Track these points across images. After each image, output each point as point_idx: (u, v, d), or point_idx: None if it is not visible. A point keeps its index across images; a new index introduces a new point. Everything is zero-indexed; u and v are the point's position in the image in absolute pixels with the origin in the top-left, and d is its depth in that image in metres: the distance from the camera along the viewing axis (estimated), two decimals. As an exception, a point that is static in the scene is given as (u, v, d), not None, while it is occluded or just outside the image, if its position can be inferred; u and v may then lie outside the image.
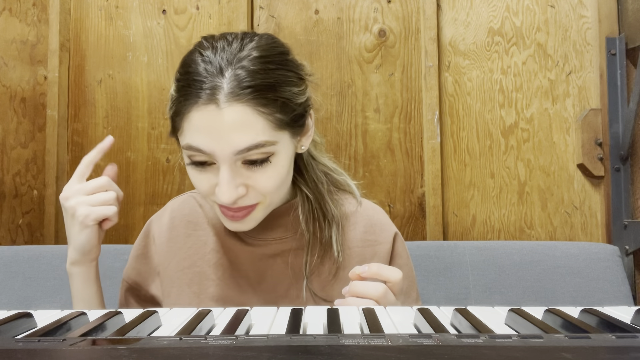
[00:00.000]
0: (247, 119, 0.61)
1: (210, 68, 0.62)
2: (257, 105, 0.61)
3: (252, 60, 0.62)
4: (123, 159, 1.48)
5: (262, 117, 0.62)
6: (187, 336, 0.34)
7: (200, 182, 0.67)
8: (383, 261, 0.77)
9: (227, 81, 0.61)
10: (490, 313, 0.48)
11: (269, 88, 0.62)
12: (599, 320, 0.42)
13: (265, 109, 0.62)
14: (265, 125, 0.62)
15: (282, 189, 0.69)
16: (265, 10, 1.47)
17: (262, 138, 0.62)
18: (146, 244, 0.83)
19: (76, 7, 1.51)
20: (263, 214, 0.70)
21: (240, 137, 0.61)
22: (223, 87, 0.61)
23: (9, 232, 1.41)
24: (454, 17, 1.44)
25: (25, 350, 0.31)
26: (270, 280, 0.76)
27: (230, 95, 0.60)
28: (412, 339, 0.33)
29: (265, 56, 0.64)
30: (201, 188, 0.68)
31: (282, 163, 0.66)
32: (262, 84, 0.62)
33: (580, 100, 1.39)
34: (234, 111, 0.60)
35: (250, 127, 0.61)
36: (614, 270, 1.19)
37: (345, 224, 0.78)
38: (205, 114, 0.61)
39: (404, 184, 1.43)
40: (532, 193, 1.40)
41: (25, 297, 1.19)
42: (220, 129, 0.61)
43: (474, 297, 1.19)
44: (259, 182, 0.65)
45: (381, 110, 1.44)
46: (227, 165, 0.63)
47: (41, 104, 1.49)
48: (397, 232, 0.81)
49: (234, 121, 0.60)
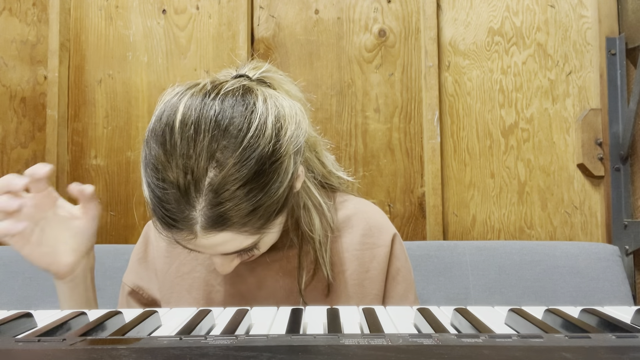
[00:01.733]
0: (228, 239, 0.57)
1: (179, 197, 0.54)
2: (237, 230, 0.56)
3: (219, 195, 0.54)
4: (123, 159, 1.48)
5: (245, 234, 0.57)
6: (187, 336, 0.34)
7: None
8: (381, 264, 0.75)
9: (200, 214, 0.54)
10: (490, 313, 0.48)
11: (247, 214, 0.55)
12: (599, 320, 0.42)
13: (246, 227, 0.57)
14: (249, 236, 0.58)
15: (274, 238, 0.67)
16: (265, 10, 1.47)
17: (248, 243, 0.59)
18: (146, 248, 0.81)
19: (76, 7, 1.51)
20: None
21: (224, 248, 0.58)
22: (197, 220, 0.54)
23: (9, 232, 1.41)
24: (454, 17, 1.44)
25: (25, 350, 0.31)
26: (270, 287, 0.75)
27: (206, 229, 0.55)
28: (412, 338, 0.33)
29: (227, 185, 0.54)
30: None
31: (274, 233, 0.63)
32: (239, 215, 0.55)
33: (580, 100, 1.39)
34: (213, 238, 0.56)
35: (233, 242, 0.58)
36: (614, 270, 1.19)
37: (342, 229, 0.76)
38: (182, 240, 0.57)
39: (404, 184, 1.43)
40: (532, 193, 1.40)
41: (25, 297, 1.19)
42: (202, 249, 0.58)
43: (474, 297, 1.19)
44: (253, 254, 0.65)
45: (381, 110, 1.44)
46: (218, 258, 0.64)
47: (41, 104, 1.49)
48: (395, 233, 0.78)
49: (215, 243, 0.57)
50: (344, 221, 0.77)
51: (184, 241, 0.57)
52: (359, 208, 0.79)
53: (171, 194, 0.54)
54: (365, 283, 0.74)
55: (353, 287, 0.73)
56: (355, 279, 0.74)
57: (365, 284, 0.74)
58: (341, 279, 0.74)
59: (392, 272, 0.76)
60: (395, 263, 0.77)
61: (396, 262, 0.77)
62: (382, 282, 0.75)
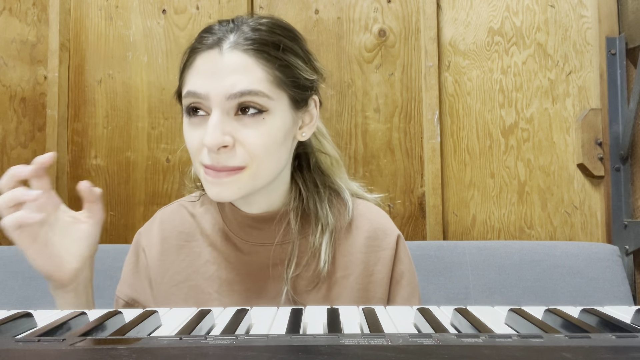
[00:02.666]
0: (246, 65, 0.62)
1: (222, 25, 0.65)
2: (258, 57, 0.62)
3: (261, 23, 0.66)
4: (123, 159, 1.48)
5: (261, 68, 0.62)
6: (187, 336, 0.34)
7: (192, 138, 0.65)
8: (386, 267, 0.74)
9: (233, 34, 0.64)
10: (490, 313, 0.48)
11: (272, 45, 0.64)
12: (599, 320, 0.42)
13: (266, 62, 0.63)
14: (263, 77, 0.62)
15: (271, 161, 0.65)
16: (265, 10, 1.47)
17: (257, 87, 0.62)
18: (137, 259, 0.78)
19: (76, 6, 1.51)
20: (250, 185, 0.65)
21: (236, 79, 0.61)
22: (229, 37, 0.63)
23: (9, 232, 1.41)
24: (454, 16, 1.44)
25: (25, 350, 0.31)
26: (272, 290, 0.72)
27: (234, 43, 0.63)
28: (412, 338, 0.33)
29: (274, 24, 0.67)
30: (192, 144, 0.65)
31: (276, 127, 0.64)
32: (266, 40, 0.64)
33: (580, 100, 1.39)
34: (235, 56, 0.62)
35: (248, 73, 0.62)
36: (613, 270, 1.19)
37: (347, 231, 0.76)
38: (207, 59, 0.63)
39: (404, 184, 1.43)
40: (532, 193, 1.40)
41: (25, 297, 1.19)
42: (218, 71, 0.62)
43: (474, 296, 1.19)
44: (248, 137, 0.62)
45: (381, 110, 1.44)
46: (218, 109, 0.61)
47: (41, 104, 1.49)
48: (399, 235, 0.78)
49: (233, 64, 0.61)
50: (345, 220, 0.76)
51: (205, 63, 0.63)
52: (363, 210, 0.78)
53: (215, 26, 0.66)
54: (369, 287, 0.73)
55: (358, 292, 0.73)
56: (360, 283, 0.73)
57: (370, 287, 0.73)
58: (345, 283, 0.73)
59: (397, 276, 0.76)
60: (399, 267, 0.76)
61: (400, 266, 0.76)
62: (386, 286, 0.74)
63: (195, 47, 0.65)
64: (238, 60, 0.62)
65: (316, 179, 0.76)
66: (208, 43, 0.63)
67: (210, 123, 0.61)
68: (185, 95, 0.64)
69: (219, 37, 0.63)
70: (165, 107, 1.47)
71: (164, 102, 1.47)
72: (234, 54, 0.62)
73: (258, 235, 0.73)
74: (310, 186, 0.75)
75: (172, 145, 1.47)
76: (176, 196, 1.46)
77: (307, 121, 0.71)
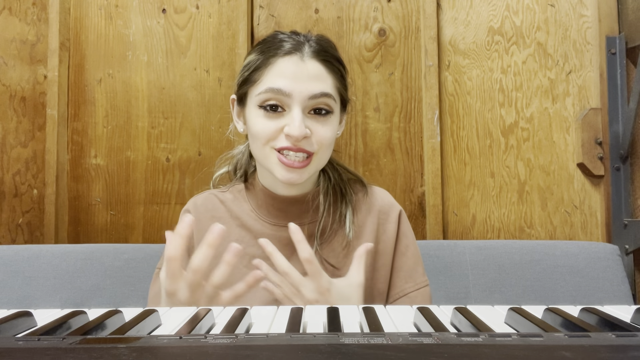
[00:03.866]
0: (323, 73, 0.77)
1: (290, 36, 0.80)
2: (329, 67, 0.78)
3: (322, 39, 0.82)
4: (123, 159, 1.48)
5: (331, 76, 0.78)
6: (187, 335, 0.34)
7: (266, 126, 0.76)
8: (390, 238, 0.86)
9: (307, 45, 0.78)
10: (490, 312, 0.48)
11: (336, 60, 0.80)
12: (599, 319, 0.42)
13: (333, 72, 0.79)
14: (332, 84, 0.78)
15: (328, 152, 0.80)
16: (265, 10, 1.47)
17: (331, 91, 0.77)
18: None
19: (76, 6, 1.51)
20: (312, 171, 0.79)
21: (316, 84, 0.76)
22: (305, 46, 0.78)
23: (8, 231, 1.41)
24: (454, 16, 1.44)
25: (25, 349, 0.31)
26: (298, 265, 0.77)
27: (312, 52, 0.77)
28: (412, 337, 0.33)
29: (329, 40, 0.83)
30: (266, 132, 0.76)
31: (335, 124, 0.80)
32: (332, 55, 0.80)
33: (580, 99, 1.39)
34: (314, 64, 0.77)
35: (324, 80, 0.77)
36: (613, 270, 1.19)
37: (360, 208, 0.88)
38: (290, 62, 0.76)
39: (403, 183, 1.43)
40: (532, 192, 1.40)
41: (25, 296, 1.19)
42: (302, 75, 0.75)
43: (474, 296, 1.19)
44: (319, 131, 0.77)
45: (381, 110, 1.44)
46: (299, 107, 0.75)
47: (41, 103, 1.49)
48: (400, 210, 0.90)
49: (314, 71, 0.76)
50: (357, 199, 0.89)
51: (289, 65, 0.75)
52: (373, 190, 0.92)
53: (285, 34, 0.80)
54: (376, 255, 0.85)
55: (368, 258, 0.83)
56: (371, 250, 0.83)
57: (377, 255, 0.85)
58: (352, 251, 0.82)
59: (402, 248, 0.87)
60: (403, 240, 0.88)
61: (404, 240, 0.88)
62: (389, 255, 0.86)
63: (272, 52, 0.77)
64: (317, 69, 0.77)
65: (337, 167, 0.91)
66: (286, 49, 0.77)
67: (296, 118, 0.74)
68: (266, 91, 0.76)
69: (295, 46, 0.77)
70: (165, 107, 1.47)
71: (163, 102, 1.47)
72: (314, 62, 0.77)
73: (288, 217, 0.84)
74: (334, 172, 0.90)
75: (172, 144, 1.47)
76: (176, 195, 1.46)
77: (340, 121, 0.87)
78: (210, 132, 1.46)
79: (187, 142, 1.46)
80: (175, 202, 1.46)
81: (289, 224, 0.71)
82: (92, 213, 1.48)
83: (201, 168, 1.45)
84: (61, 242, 1.46)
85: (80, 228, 1.48)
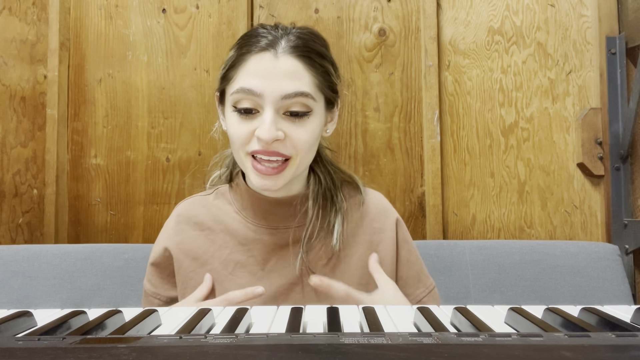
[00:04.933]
0: (298, 70, 0.70)
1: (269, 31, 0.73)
2: (306, 63, 0.71)
3: (304, 32, 0.74)
4: (123, 158, 1.48)
5: (309, 73, 0.71)
6: (187, 335, 0.34)
7: (239, 129, 0.72)
8: (388, 247, 0.81)
9: (284, 40, 0.71)
10: (490, 312, 0.48)
11: (316, 54, 0.73)
12: (599, 319, 0.42)
13: (312, 68, 0.71)
14: (310, 81, 0.71)
15: (309, 155, 0.75)
16: (265, 10, 1.47)
17: (307, 89, 0.70)
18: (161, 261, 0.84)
19: (76, 6, 1.51)
20: (290, 176, 0.74)
21: (290, 83, 0.69)
22: (280, 42, 0.71)
23: (9, 231, 1.41)
24: (454, 16, 1.44)
25: (25, 349, 0.31)
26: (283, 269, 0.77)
27: (286, 48, 0.70)
28: (412, 337, 0.33)
29: (314, 34, 0.76)
30: (239, 135, 0.72)
31: (316, 125, 0.73)
32: (311, 49, 0.72)
33: (580, 99, 1.39)
34: (288, 61, 0.70)
35: (299, 77, 0.70)
36: (613, 269, 1.19)
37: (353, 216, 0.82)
38: (261, 60, 0.70)
39: (404, 183, 1.43)
40: (532, 192, 1.40)
41: (25, 296, 1.19)
42: (274, 73, 0.69)
43: (474, 296, 1.19)
44: (296, 133, 0.71)
45: (381, 110, 1.44)
46: (272, 108, 0.69)
47: (41, 103, 1.49)
48: (397, 217, 0.85)
49: (287, 69, 0.69)
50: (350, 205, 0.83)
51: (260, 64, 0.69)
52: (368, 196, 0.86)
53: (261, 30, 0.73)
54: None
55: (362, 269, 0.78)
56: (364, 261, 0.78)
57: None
58: (349, 261, 0.79)
59: (406, 255, 0.83)
60: (404, 247, 0.84)
61: (405, 246, 0.84)
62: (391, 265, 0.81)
63: (246, 48, 0.72)
64: (291, 65, 0.70)
65: (329, 169, 0.85)
66: (260, 45, 0.70)
67: (266, 119, 0.69)
68: (237, 91, 0.71)
69: (270, 41, 0.71)
70: (165, 107, 1.47)
71: (163, 102, 1.47)
72: (288, 59, 0.70)
73: (274, 219, 0.80)
74: (326, 175, 0.84)
75: (172, 144, 1.47)
76: (176, 195, 1.46)
77: (330, 119, 0.80)
78: (210, 132, 1.46)
79: (187, 142, 1.46)
80: (175, 202, 1.46)
81: (311, 276, 0.70)
82: (92, 213, 1.48)
83: (201, 168, 1.45)
84: (61, 242, 1.46)
85: (80, 228, 1.48)
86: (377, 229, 0.82)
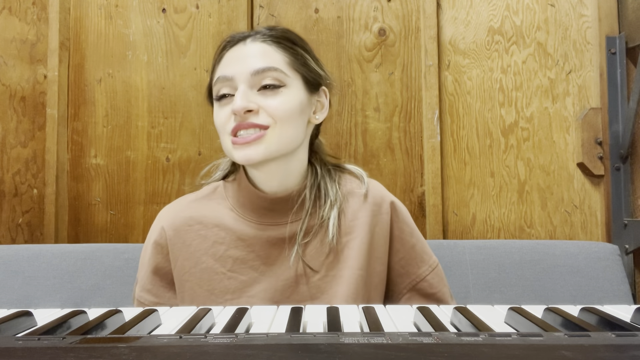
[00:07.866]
0: (266, 50, 0.75)
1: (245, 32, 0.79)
2: (276, 45, 0.76)
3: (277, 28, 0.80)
4: (123, 158, 1.48)
5: (279, 53, 0.76)
6: (187, 334, 0.34)
7: (219, 115, 0.76)
8: (384, 230, 0.82)
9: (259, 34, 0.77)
10: (490, 311, 0.48)
11: (286, 40, 0.78)
12: (599, 319, 0.42)
13: (282, 49, 0.76)
14: (280, 60, 0.75)
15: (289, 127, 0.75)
16: (265, 9, 1.47)
17: (278, 65, 0.74)
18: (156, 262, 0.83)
19: (76, 6, 1.51)
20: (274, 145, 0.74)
21: (258, 60, 0.74)
22: (253, 34, 0.77)
23: (8, 231, 1.41)
24: (454, 15, 1.44)
25: (25, 348, 0.31)
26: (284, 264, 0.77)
27: (256, 37, 0.77)
28: (412, 337, 0.33)
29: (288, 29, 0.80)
30: (220, 120, 0.75)
31: (292, 98, 0.75)
32: (282, 35, 0.78)
33: (580, 99, 1.38)
34: (256, 45, 0.76)
35: (267, 56, 0.75)
36: (613, 269, 1.19)
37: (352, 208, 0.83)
38: (233, 51, 0.76)
39: (403, 183, 1.43)
40: (532, 192, 1.40)
41: (25, 296, 1.19)
42: (243, 57, 0.74)
43: (474, 295, 1.19)
44: (269, 104, 0.73)
45: (381, 109, 1.44)
46: (244, 84, 0.73)
47: (41, 103, 1.49)
48: (392, 201, 0.85)
49: (255, 50, 0.75)
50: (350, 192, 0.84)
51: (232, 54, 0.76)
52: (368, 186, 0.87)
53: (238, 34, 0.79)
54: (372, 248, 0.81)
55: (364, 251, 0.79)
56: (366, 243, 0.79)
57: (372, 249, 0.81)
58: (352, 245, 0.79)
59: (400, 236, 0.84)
60: (403, 229, 0.84)
61: (406, 228, 0.85)
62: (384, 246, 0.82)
63: (223, 47, 0.78)
64: (259, 47, 0.75)
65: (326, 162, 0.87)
66: (234, 41, 0.77)
67: (238, 94, 0.72)
68: (215, 83, 0.76)
69: (243, 36, 0.77)
70: (165, 107, 1.47)
71: (163, 101, 1.47)
72: (256, 44, 0.76)
73: (272, 216, 0.80)
74: (323, 167, 0.85)
75: (172, 144, 1.47)
76: (176, 195, 1.46)
77: (319, 108, 0.82)
78: (210, 132, 1.46)
79: (187, 141, 1.46)
80: (175, 201, 1.46)
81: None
82: (92, 213, 1.48)
83: (201, 168, 1.44)
84: (61, 242, 1.46)
85: (80, 228, 1.48)
86: (375, 212, 0.83)
